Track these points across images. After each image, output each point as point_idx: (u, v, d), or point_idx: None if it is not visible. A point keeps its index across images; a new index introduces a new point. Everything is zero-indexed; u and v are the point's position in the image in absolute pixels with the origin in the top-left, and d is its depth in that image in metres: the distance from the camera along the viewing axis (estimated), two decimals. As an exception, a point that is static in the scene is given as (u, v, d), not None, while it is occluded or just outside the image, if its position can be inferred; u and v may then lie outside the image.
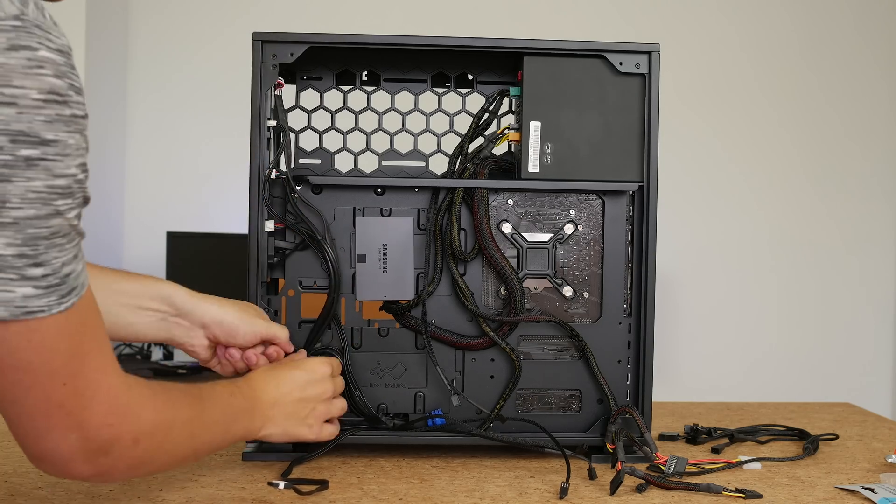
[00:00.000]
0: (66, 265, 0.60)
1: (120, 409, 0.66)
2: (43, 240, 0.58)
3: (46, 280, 0.59)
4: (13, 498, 0.82)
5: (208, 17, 3.16)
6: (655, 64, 1.02)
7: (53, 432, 0.63)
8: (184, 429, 0.74)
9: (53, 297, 0.60)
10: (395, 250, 1.01)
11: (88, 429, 0.64)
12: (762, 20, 3.26)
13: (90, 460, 0.65)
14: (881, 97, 3.28)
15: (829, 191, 3.26)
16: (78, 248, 0.62)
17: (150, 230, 3.13)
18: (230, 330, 0.93)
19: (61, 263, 0.60)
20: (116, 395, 0.66)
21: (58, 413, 0.62)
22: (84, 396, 0.63)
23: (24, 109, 0.56)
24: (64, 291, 0.60)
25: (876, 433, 1.21)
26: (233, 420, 0.83)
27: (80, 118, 0.59)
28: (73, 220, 0.60)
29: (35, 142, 0.56)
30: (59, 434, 0.63)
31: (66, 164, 0.58)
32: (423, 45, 1.01)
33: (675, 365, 3.17)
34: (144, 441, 0.68)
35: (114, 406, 0.65)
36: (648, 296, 1.03)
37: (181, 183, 3.20)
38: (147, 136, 3.21)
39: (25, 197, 0.56)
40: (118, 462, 0.67)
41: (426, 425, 1.02)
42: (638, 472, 0.90)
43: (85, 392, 0.63)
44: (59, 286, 0.60)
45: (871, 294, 3.29)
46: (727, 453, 1.07)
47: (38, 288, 0.58)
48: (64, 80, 0.58)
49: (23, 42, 0.56)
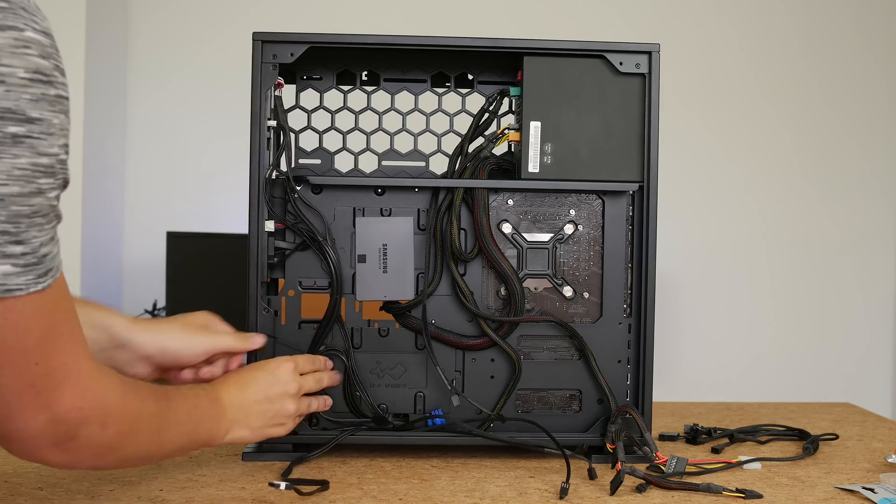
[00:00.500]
0: (44, 245, 0.61)
1: (89, 393, 0.66)
2: (25, 218, 0.59)
3: (25, 258, 0.59)
4: (13, 498, 0.82)
5: (208, 17, 3.15)
6: (655, 64, 1.02)
7: (23, 412, 0.63)
8: (150, 421, 0.74)
9: (31, 276, 0.60)
10: (395, 250, 1.01)
11: (57, 410, 0.64)
12: (762, 20, 3.26)
13: (58, 443, 0.66)
14: (881, 97, 3.28)
15: (829, 191, 3.26)
16: (55, 231, 0.63)
17: (150, 230, 3.13)
18: (174, 355, 0.91)
19: (40, 243, 0.60)
20: (87, 379, 0.66)
21: (28, 393, 0.63)
22: (55, 378, 0.64)
23: (11, 87, 0.57)
24: (41, 271, 0.61)
25: (876, 433, 1.21)
26: (198, 422, 0.83)
27: (64, 99, 0.61)
28: (53, 200, 0.61)
29: (21, 119, 0.57)
30: (28, 414, 0.63)
31: (49, 142, 0.60)
32: (423, 45, 1.01)
33: (675, 365, 3.17)
34: (112, 426, 0.69)
35: (84, 389, 0.66)
36: (648, 296, 1.03)
37: (181, 183, 3.20)
38: (147, 136, 3.21)
39: (11, 174, 0.57)
40: (86, 447, 0.68)
41: (426, 425, 1.02)
42: (638, 472, 0.90)
43: (56, 374, 0.64)
44: (37, 265, 0.60)
45: (871, 294, 3.29)
46: (727, 453, 1.07)
47: (17, 266, 0.59)
48: (49, 61, 0.60)
49: (9, 23, 0.57)
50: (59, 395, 0.64)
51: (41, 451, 0.66)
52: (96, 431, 0.68)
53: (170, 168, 3.21)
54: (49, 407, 0.64)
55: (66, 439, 0.66)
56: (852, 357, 3.27)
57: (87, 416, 0.66)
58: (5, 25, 0.56)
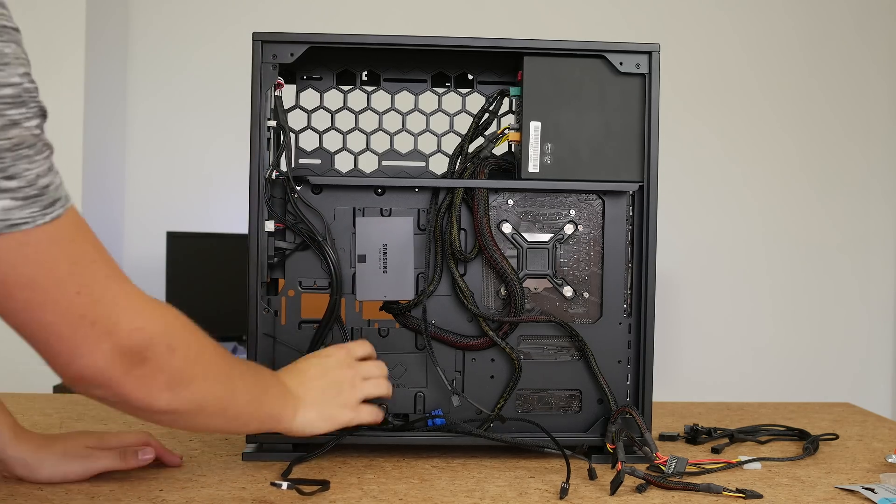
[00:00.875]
0: (42, 177, 0.60)
1: (147, 314, 0.65)
2: (7, 152, 0.58)
3: (23, 192, 0.59)
4: (13, 498, 0.82)
5: (208, 17, 3.16)
6: (656, 64, 1.02)
7: (85, 345, 0.62)
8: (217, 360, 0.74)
9: (36, 209, 0.59)
10: (395, 250, 1.01)
11: (119, 334, 0.63)
12: (762, 21, 3.26)
13: (128, 370, 0.64)
14: (880, 98, 3.28)
15: (829, 191, 3.27)
16: (50, 161, 0.62)
17: (150, 230, 3.14)
18: (46, 480, 0.86)
19: (35, 175, 0.60)
20: (138, 300, 0.65)
21: (81, 323, 0.62)
22: (103, 302, 0.62)
23: None
24: (45, 203, 0.60)
25: (876, 433, 1.21)
26: (265, 388, 0.83)
27: (12, 30, 0.60)
28: (33, 129, 0.60)
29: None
30: (91, 346, 0.62)
31: (7, 73, 0.58)
32: (423, 45, 1.01)
33: (675, 365, 3.17)
34: (179, 350, 0.68)
35: (140, 310, 0.65)
36: (648, 296, 1.03)
37: (181, 183, 3.20)
38: (147, 136, 3.21)
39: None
40: (157, 372, 0.66)
41: (426, 425, 1.02)
42: (638, 472, 0.90)
43: (103, 298, 0.62)
44: (39, 197, 0.60)
45: (871, 294, 3.29)
46: (727, 453, 1.07)
47: (16, 199, 0.58)
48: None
49: None
50: (116, 317, 0.63)
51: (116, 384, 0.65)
52: (164, 354, 0.66)
53: (170, 168, 3.21)
54: (110, 333, 0.63)
55: (136, 363, 0.64)
56: (852, 357, 3.27)
57: (152, 336, 0.65)
58: None
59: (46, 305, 0.61)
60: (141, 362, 0.65)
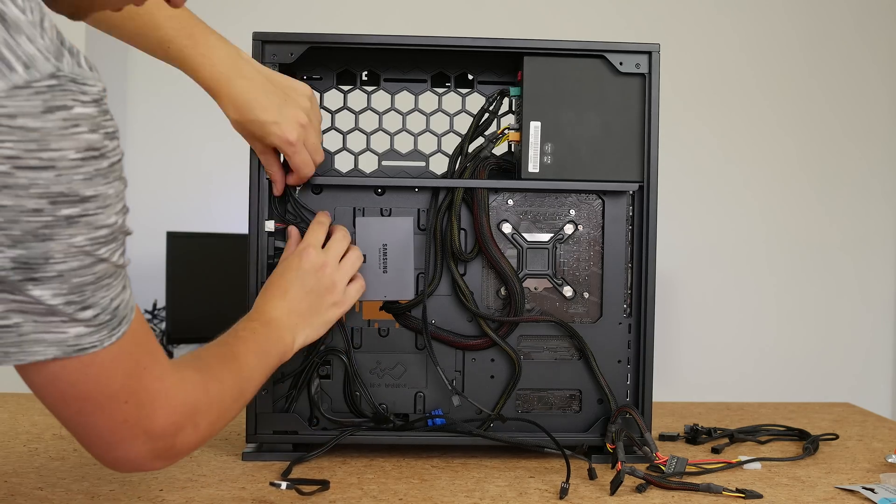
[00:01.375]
0: (115, 300, 0.61)
1: (178, 406, 0.68)
2: (89, 285, 0.58)
3: (97, 319, 0.60)
4: (13, 498, 0.82)
5: (209, 18, 3.15)
6: (655, 64, 1.02)
7: (122, 444, 0.65)
8: (232, 394, 0.78)
9: (105, 332, 0.60)
10: (395, 250, 1.01)
11: (154, 433, 0.67)
12: (761, 21, 3.26)
13: (158, 455, 0.68)
14: (880, 98, 3.28)
15: (829, 191, 3.27)
16: (125, 279, 0.62)
17: (150, 230, 3.13)
18: None
19: (109, 300, 0.60)
20: (175, 395, 0.68)
21: (122, 427, 0.65)
22: (145, 408, 0.65)
23: (62, 171, 0.54)
24: (114, 325, 0.61)
25: (876, 433, 1.21)
26: (267, 354, 0.86)
27: (117, 164, 0.58)
28: (117, 261, 0.60)
29: (75, 200, 0.55)
30: (127, 445, 0.66)
31: (106, 214, 0.57)
32: (423, 45, 1.01)
33: (675, 365, 3.17)
34: (203, 422, 0.71)
35: (173, 405, 0.68)
36: (648, 296, 1.03)
37: (181, 183, 3.20)
38: (147, 135, 3.21)
39: (68, 252, 0.56)
40: (184, 449, 0.71)
41: (426, 425, 1.02)
42: (638, 472, 0.90)
43: (146, 404, 0.65)
44: (110, 321, 0.61)
45: (871, 294, 3.29)
46: (727, 453, 1.07)
47: (90, 326, 0.59)
48: (99, 133, 0.56)
49: (58, 102, 0.53)
50: (153, 420, 0.66)
51: (145, 467, 0.69)
52: (191, 434, 0.70)
53: (170, 168, 3.21)
54: (146, 433, 0.66)
55: (165, 449, 0.68)
56: (853, 357, 3.27)
57: (181, 424, 0.69)
58: (53, 107, 0.53)
59: (95, 414, 0.63)
60: (170, 448, 0.69)
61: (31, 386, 0.62)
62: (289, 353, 0.90)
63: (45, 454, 0.99)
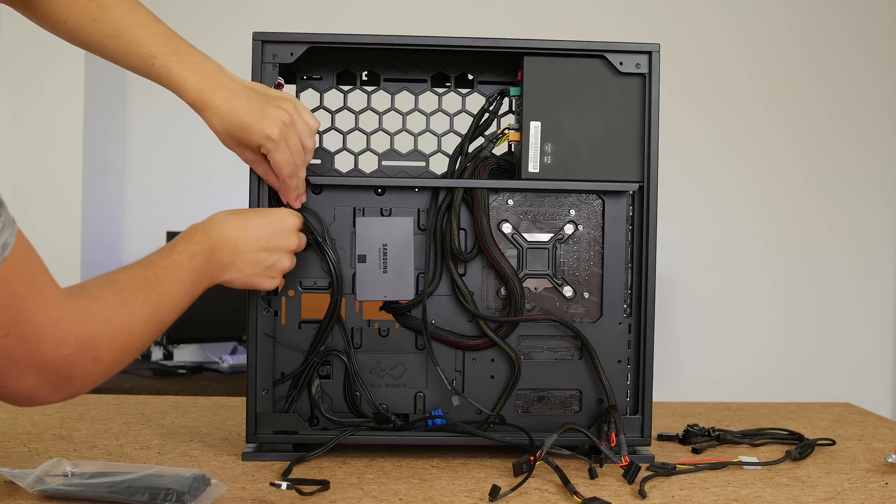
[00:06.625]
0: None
1: (72, 338, 0.66)
2: None
3: None
4: (13, 498, 0.82)
5: (209, 18, 3.16)
6: (656, 64, 1.02)
7: (11, 377, 0.64)
8: (143, 325, 0.75)
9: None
10: (395, 250, 1.01)
11: (44, 364, 0.64)
12: (759, 23, 3.26)
13: (55, 388, 0.66)
14: (878, 99, 3.28)
15: (828, 191, 3.27)
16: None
17: (150, 230, 3.13)
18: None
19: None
20: (65, 328, 0.66)
21: (7, 361, 0.63)
22: (30, 341, 0.63)
23: None
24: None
25: (876, 433, 1.21)
26: (194, 285, 0.84)
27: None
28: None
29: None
30: (17, 377, 0.64)
31: None
32: (423, 45, 1.01)
33: (675, 365, 3.17)
34: (105, 355, 0.69)
35: (64, 337, 0.65)
36: (648, 296, 1.03)
37: (181, 183, 3.20)
38: (147, 136, 3.21)
39: None
40: (84, 381, 0.68)
41: (426, 425, 1.02)
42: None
43: (30, 336, 0.63)
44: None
45: (870, 294, 3.29)
46: (727, 453, 1.07)
47: None
48: None
49: None
50: (41, 352, 0.64)
51: (44, 399, 0.67)
52: (91, 366, 0.68)
53: (170, 168, 3.21)
54: (35, 364, 0.64)
55: (61, 382, 0.66)
56: (852, 357, 3.27)
57: (76, 357, 0.66)
58: None
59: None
60: (67, 379, 0.67)
61: None
62: (212, 283, 0.88)
63: (45, 454, 0.99)
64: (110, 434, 1.11)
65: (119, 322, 0.71)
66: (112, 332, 0.70)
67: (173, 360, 3.04)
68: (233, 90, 0.92)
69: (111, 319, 0.71)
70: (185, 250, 0.85)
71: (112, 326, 0.70)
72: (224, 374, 2.88)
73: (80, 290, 0.70)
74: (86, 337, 0.67)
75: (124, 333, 0.72)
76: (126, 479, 0.80)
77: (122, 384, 2.54)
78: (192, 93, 0.91)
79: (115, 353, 0.71)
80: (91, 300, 0.70)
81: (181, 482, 0.79)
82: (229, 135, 0.93)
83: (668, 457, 1.03)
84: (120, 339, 0.71)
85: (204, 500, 0.79)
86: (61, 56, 2.81)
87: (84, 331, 0.67)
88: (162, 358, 3.04)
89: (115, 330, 0.71)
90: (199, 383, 2.71)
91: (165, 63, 0.91)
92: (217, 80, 0.92)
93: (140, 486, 0.79)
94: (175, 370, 2.87)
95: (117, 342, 0.71)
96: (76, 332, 0.66)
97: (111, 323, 0.70)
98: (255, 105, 0.92)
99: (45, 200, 2.82)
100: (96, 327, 0.69)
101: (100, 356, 0.68)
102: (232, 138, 0.93)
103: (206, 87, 0.91)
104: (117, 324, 0.71)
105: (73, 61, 2.83)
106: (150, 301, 0.77)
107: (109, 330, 0.70)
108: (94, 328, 0.68)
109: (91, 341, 0.68)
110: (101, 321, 0.69)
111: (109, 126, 3.11)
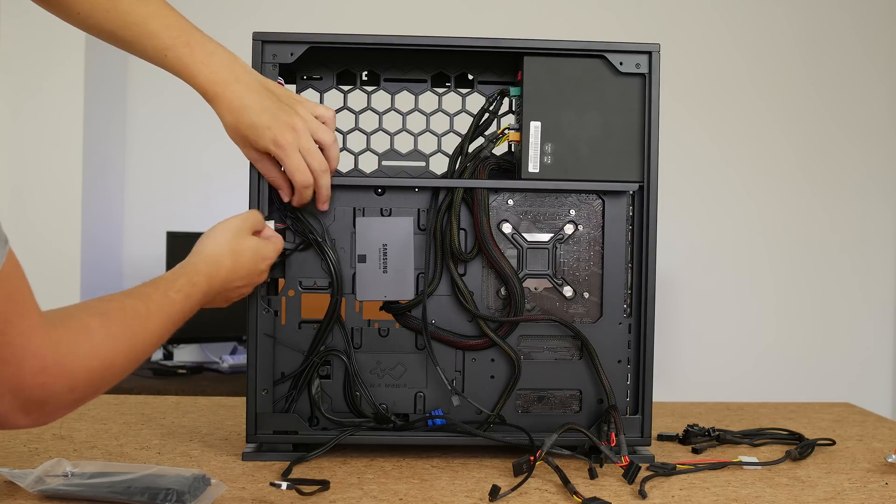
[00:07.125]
0: None
1: (49, 369, 0.65)
2: None
3: None
4: (13, 498, 0.82)
5: (209, 18, 3.15)
6: (656, 64, 1.02)
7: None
8: (125, 355, 0.74)
9: None
10: (395, 250, 1.01)
11: (21, 390, 0.64)
12: (759, 23, 3.26)
13: (27, 413, 0.66)
14: (878, 99, 3.28)
15: (828, 191, 3.27)
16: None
17: (150, 230, 3.14)
18: None
19: None
20: (44, 355, 0.65)
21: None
22: (10, 364, 0.63)
23: None
24: None
25: (876, 433, 1.21)
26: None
27: None
28: None
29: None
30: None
31: None
32: (423, 45, 1.01)
33: (675, 365, 3.17)
34: (80, 385, 0.68)
35: (42, 366, 0.65)
36: (648, 296, 1.03)
37: (181, 183, 3.20)
38: (147, 136, 3.21)
39: None
40: (55, 410, 0.68)
41: (426, 425, 1.02)
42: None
43: (10, 360, 0.63)
44: None
45: (870, 294, 3.29)
46: (727, 453, 1.07)
47: None
48: None
49: None
50: (19, 377, 0.63)
51: (12, 423, 0.66)
52: (66, 395, 0.67)
53: (170, 168, 3.21)
54: (11, 390, 0.63)
55: (34, 407, 0.65)
56: (852, 357, 3.27)
57: (52, 388, 0.66)
58: None
59: None
60: (39, 407, 0.66)
61: None
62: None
63: (45, 454, 0.99)
64: (110, 434, 1.11)
65: (101, 355, 0.71)
66: (91, 365, 0.69)
67: (173, 360, 3.04)
68: (247, 84, 0.92)
69: (93, 352, 0.70)
70: (182, 289, 0.84)
71: (92, 360, 0.70)
72: (224, 374, 2.88)
73: (66, 318, 0.69)
74: (64, 366, 0.67)
75: (104, 366, 0.71)
76: (126, 479, 0.81)
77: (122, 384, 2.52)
78: (206, 85, 0.91)
79: (92, 384, 0.70)
80: (75, 330, 0.69)
81: (181, 482, 0.79)
82: (237, 131, 0.93)
83: (668, 457, 1.03)
84: (99, 371, 0.70)
85: (204, 500, 0.79)
86: (61, 55, 2.81)
87: (63, 361, 0.67)
88: (162, 358, 3.04)
89: (96, 363, 0.70)
90: (199, 383, 2.71)
91: (179, 55, 0.91)
92: (232, 73, 0.92)
93: (140, 486, 0.79)
94: (175, 370, 2.87)
95: (95, 374, 0.70)
96: (53, 360, 0.66)
97: (92, 356, 0.70)
98: (267, 106, 0.92)
99: (45, 200, 2.82)
100: (77, 359, 0.68)
101: (75, 387, 0.68)
102: (239, 135, 0.93)
103: (219, 80, 0.91)
104: (99, 357, 0.70)
105: (73, 60, 2.83)
106: (137, 336, 0.76)
107: (89, 363, 0.69)
108: (74, 360, 0.68)
109: (68, 372, 0.67)
110: (82, 353, 0.69)
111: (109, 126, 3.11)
